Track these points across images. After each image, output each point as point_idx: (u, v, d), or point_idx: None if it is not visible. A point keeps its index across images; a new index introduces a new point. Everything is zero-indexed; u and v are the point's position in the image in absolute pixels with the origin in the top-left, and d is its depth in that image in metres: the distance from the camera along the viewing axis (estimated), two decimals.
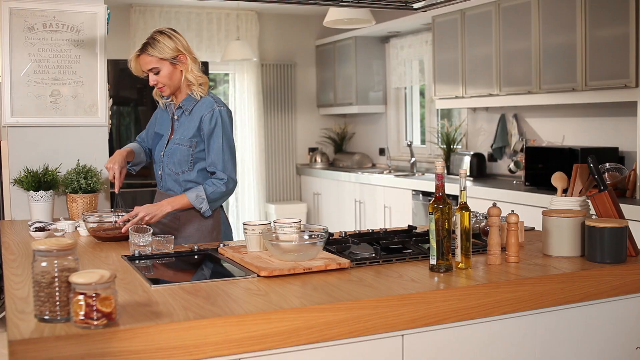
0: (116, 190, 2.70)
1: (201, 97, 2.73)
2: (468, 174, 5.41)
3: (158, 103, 2.90)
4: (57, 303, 1.50)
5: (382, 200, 5.98)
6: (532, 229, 2.74)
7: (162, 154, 2.79)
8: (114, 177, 2.70)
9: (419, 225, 2.98)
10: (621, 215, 2.20)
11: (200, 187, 2.65)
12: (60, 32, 3.33)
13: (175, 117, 2.79)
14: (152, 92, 2.88)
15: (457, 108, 5.88)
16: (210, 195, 2.64)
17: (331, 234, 2.49)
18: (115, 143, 5.40)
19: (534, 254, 2.23)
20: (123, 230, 2.52)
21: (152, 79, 2.70)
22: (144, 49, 2.68)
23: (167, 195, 2.74)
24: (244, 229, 2.24)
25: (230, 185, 2.68)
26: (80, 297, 1.44)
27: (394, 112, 6.95)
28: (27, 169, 3.15)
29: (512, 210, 2.15)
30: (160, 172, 2.80)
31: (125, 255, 2.25)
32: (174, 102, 2.81)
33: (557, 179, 2.41)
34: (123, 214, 2.68)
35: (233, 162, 2.71)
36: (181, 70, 2.71)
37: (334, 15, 4.75)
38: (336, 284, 1.83)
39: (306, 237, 2.16)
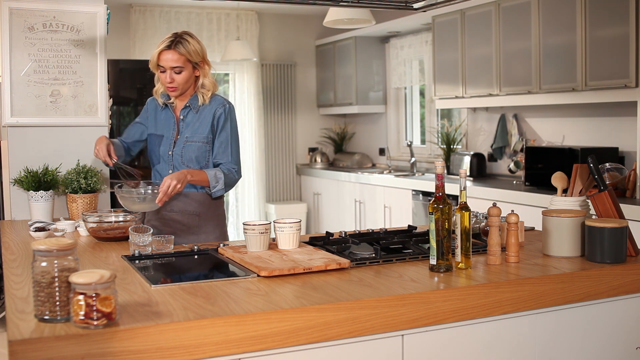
0: (110, 163, 2.70)
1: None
2: (468, 174, 5.41)
3: (149, 102, 2.89)
4: (57, 303, 1.50)
5: (382, 200, 5.98)
6: (532, 229, 2.74)
7: (170, 153, 2.78)
8: (105, 155, 2.69)
9: (419, 225, 2.98)
10: (621, 215, 2.20)
11: (218, 168, 2.73)
12: (60, 32, 3.33)
13: (182, 117, 2.78)
14: (152, 92, 2.87)
15: (457, 108, 5.88)
16: (226, 178, 2.72)
17: (331, 234, 2.49)
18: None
19: (534, 254, 2.23)
20: (158, 201, 2.53)
21: (170, 77, 2.68)
22: (174, 45, 2.66)
23: (183, 194, 2.75)
24: (244, 229, 2.24)
25: (239, 176, 2.82)
26: (80, 297, 1.44)
27: (394, 112, 6.95)
28: (27, 169, 3.15)
29: (512, 210, 2.15)
30: (170, 172, 2.78)
31: (125, 255, 2.25)
32: (174, 104, 2.81)
33: (557, 179, 2.41)
34: (127, 215, 2.68)
35: (239, 156, 2.84)
36: (197, 76, 2.75)
37: (334, 15, 4.75)
38: (336, 284, 1.83)
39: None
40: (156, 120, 2.86)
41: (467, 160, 5.48)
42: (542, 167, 4.57)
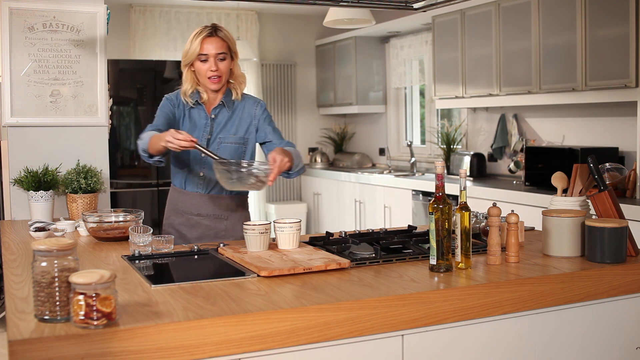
0: (194, 146, 2.45)
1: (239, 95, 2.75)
2: (468, 174, 5.41)
3: (173, 97, 2.76)
4: (57, 303, 1.50)
5: (382, 200, 5.98)
6: (532, 229, 2.74)
7: (203, 155, 2.65)
8: (190, 142, 2.40)
9: (419, 225, 2.98)
10: (621, 215, 2.20)
11: (293, 148, 2.68)
12: (60, 32, 3.33)
13: (213, 116, 2.73)
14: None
15: (457, 108, 5.88)
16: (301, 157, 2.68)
17: (331, 234, 2.49)
18: (115, 142, 5.40)
19: (534, 254, 2.23)
20: (271, 181, 2.38)
21: (215, 64, 2.62)
22: (215, 32, 2.62)
23: (212, 197, 2.72)
24: (244, 229, 2.24)
25: None
26: (80, 297, 1.44)
27: (394, 112, 6.95)
28: (27, 169, 3.15)
29: (512, 210, 2.15)
30: (202, 174, 2.73)
31: (125, 255, 2.25)
32: (204, 103, 2.73)
33: (557, 179, 2.41)
34: (126, 214, 2.67)
35: None
36: (231, 68, 2.71)
37: (334, 15, 4.75)
38: (336, 284, 1.83)
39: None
40: (183, 119, 2.75)
41: (467, 160, 5.48)
42: (542, 167, 4.57)
